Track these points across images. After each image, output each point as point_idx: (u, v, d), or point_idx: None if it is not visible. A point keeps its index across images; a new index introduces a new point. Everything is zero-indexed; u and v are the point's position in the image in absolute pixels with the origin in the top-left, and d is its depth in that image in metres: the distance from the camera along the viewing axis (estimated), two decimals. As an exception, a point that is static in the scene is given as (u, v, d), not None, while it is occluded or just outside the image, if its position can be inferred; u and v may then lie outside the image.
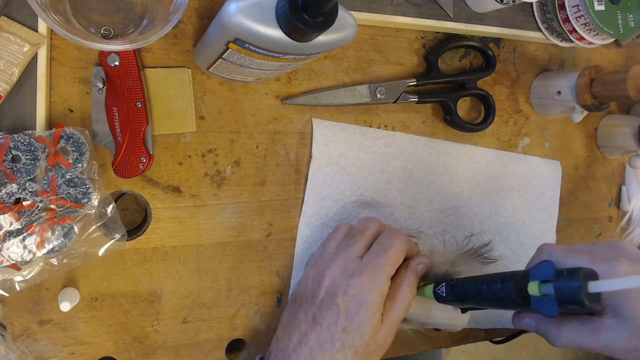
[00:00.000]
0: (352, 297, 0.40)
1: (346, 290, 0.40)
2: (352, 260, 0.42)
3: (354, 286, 0.40)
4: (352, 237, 0.44)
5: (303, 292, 0.43)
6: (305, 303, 0.42)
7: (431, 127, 0.55)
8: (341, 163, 0.50)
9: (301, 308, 0.42)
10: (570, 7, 0.54)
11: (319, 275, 0.43)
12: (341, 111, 0.51)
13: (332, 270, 0.42)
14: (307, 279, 0.44)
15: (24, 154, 0.37)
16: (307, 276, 0.44)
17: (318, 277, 0.42)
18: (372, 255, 0.42)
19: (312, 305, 0.41)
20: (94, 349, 0.43)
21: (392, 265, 0.42)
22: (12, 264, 0.37)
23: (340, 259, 0.42)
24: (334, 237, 0.46)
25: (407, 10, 0.51)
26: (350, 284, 0.40)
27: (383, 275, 0.41)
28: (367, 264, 0.41)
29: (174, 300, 0.45)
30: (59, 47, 0.41)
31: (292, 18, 0.30)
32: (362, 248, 0.43)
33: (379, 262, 0.41)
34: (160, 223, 0.44)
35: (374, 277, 0.40)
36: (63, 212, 0.39)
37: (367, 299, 0.39)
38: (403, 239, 0.43)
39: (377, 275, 0.40)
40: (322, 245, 0.47)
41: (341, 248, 0.44)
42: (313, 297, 0.42)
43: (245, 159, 0.47)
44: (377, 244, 0.43)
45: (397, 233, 0.44)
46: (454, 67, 0.56)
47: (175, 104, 0.44)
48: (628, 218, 0.67)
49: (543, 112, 0.60)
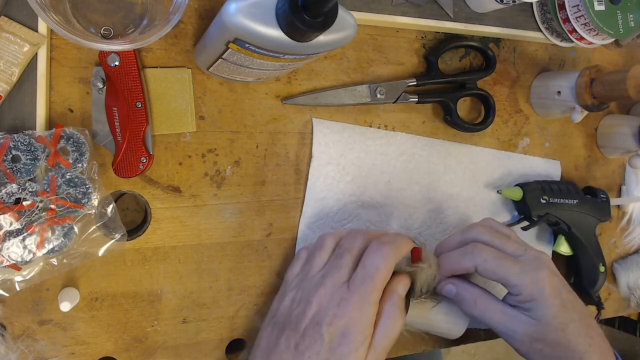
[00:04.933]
0: (338, 328, 0.38)
1: (332, 321, 0.38)
2: (340, 287, 0.40)
3: (340, 317, 0.38)
4: (340, 257, 0.42)
5: (287, 315, 0.41)
6: (288, 328, 0.40)
7: (431, 127, 0.55)
8: (341, 163, 0.50)
9: (283, 333, 0.40)
10: (570, 7, 0.54)
11: (304, 300, 0.41)
12: (341, 111, 0.51)
13: (319, 296, 0.40)
14: (292, 301, 0.42)
15: (24, 154, 0.37)
16: (292, 298, 0.42)
17: (304, 302, 0.41)
18: (357, 281, 0.40)
19: (296, 332, 0.39)
20: (94, 349, 0.43)
21: (379, 291, 0.40)
22: (12, 264, 0.37)
23: (328, 283, 0.40)
24: (320, 255, 0.44)
25: (407, 10, 0.51)
26: (337, 314, 0.39)
27: (370, 304, 0.39)
28: (354, 293, 0.39)
29: (174, 300, 0.45)
30: (59, 47, 0.41)
31: (292, 18, 0.30)
32: (350, 270, 0.41)
33: (366, 289, 0.39)
34: (160, 223, 0.44)
35: (361, 307, 0.39)
36: (63, 212, 0.39)
37: (352, 331, 0.38)
38: (388, 256, 0.41)
39: (364, 305, 0.39)
40: (307, 262, 0.45)
41: (328, 270, 0.42)
42: (297, 322, 0.40)
43: (245, 159, 0.47)
44: (362, 267, 0.41)
45: (382, 249, 0.41)
46: (454, 67, 0.56)
47: (175, 104, 0.44)
48: (628, 218, 0.67)
49: (543, 112, 0.60)
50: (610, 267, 0.67)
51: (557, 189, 0.58)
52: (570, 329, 0.42)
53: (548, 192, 0.57)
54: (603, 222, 0.61)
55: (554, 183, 0.59)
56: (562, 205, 0.58)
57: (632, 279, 0.66)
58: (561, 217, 0.58)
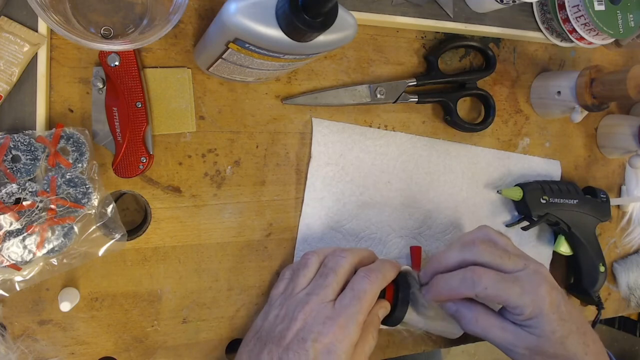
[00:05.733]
0: (324, 345, 0.38)
1: (317, 338, 0.39)
2: (325, 305, 0.40)
3: (326, 335, 0.39)
4: (325, 276, 0.42)
5: (270, 330, 0.41)
6: (271, 343, 0.40)
7: (431, 127, 0.55)
8: (340, 163, 0.50)
9: (266, 347, 0.40)
10: (570, 7, 0.54)
11: (289, 316, 0.41)
12: (341, 111, 0.51)
13: (304, 313, 0.40)
14: (275, 317, 0.42)
15: (24, 154, 0.37)
16: (275, 315, 0.42)
17: (288, 318, 0.41)
18: (345, 301, 0.40)
19: (279, 347, 0.39)
20: (94, 349, 0.43)
21: (365, 313, 0.41)
22: (12, 264, 0.37)
23: (313, 301, 0.41)
24: (304, 274, 0.44)
25: (407, 10, 0.51)
26: (322, 331, 0.39)
27: (355, 324, 0.39)
28: (340, 312, 0.40)
29: (174, 300, 0.45)
30: (59, 47, 0.41)
31: (292, 18, 0.30)
32: (335, 291, 0.42)
33: (353, 310, 0.40)
34: (160, 223, 0.44)
35: (347, 327, 0.39)
36: (63, 212, 0.39)
37: (337, 350, 0.38)
38: (376, 282, 0.42)
39: (349, 325, 0.39)
40: (291, 280, 0.45)
41: (313, 288, 0.42)
42: (280, 338, 0.40)
43: (245, 159, 0.47)
44: (350, 289, 0.41)
45: (371, 275, 0.42)
46: (454, 67, 0.56)
47: (175, 104, 0.44)
48: (628, 218, 0.67)
49: (543, 112, 0.60)
50: (610, 267, 0.67)
51: (557, 189, 0.58)
52: (569, 341, 0.43)
53: (548, 192, 0.57)
54: (603, 222, 0.61)
55: (554, 183, 0.59)
56: (562, 205, 0.58)
57: (632, 279, 0.67)
58: (561, 217, 0.58)
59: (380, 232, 0.53)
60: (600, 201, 0.60)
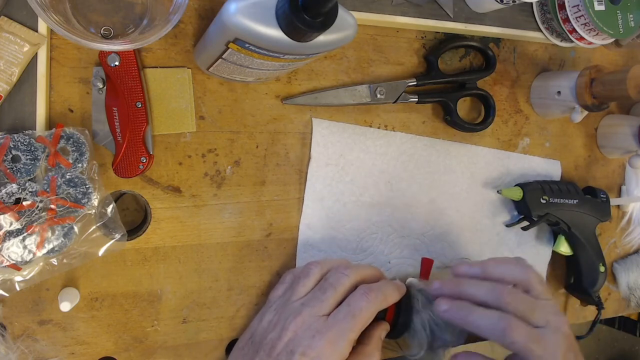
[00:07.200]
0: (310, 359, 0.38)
1: (305, 351, 0.38)
2: (318, 318, 0.40)
3: (314, 348, 0.38)
4: (324, 290, 0.42)
5: (262, 337, 0.42)
6: (262, 351, 0.40)
7: (431, 127, 0.55)
8: (340, 164, 0.50)
9: (257, 355, 0.40)
10: (570, 7, 0.54)
11: (281, 325, 0.41)
12: (341, 111, 0.51)
13: (295, 324, 0.40)
14: (269, 322, 0.42)
15: (24, 154, 0.37)
16: (269, 320, 0.43)
17: (280, 327, 0.41)
18: (339, 316, 0.40)
19: (269, 357, 0.40)
20: (94, 349, 0.43)
21: (357, 331, 0.40)
22: (12, 264, 0.37)
23: (307, 313, 0.40)
24: (304, 284, 0.43)
25: (407, 10, 0.51)
26: (311, 345, 0.38)
27: (346, 341, 0.39)
28: (332, 327, 0.39)
29: (174, 300, 0.45)
30: (59, 47, 0.41)
31: (292, 18, 0.30)
32: (332, 306, 0.41)
33: (345, 326, 0.39)
34: (160, 223, 0.44)
35: (336, 342, 0.39)
36: (63, 212, 0.39)
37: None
38: (375, 302, 0.41)
39: (339, 341, 0.39)
40: (291, 286, 0.45)
41: (309, 300, 0.42)
42: (271, 347, 0.40)
43: (245, 159, 0.47)
44: (347, 304, 0.41)
45: (370, 294, 0.42)
46: (454, 67, 0.56)
47: (175, 104, 0.44)
48: (628, 218, 0.67)
49: (543, 112, 0.60)
50: (610, 267, 0.67)
51: (557, 189, 0.58)
52: None
53: (548, 192, 0.57)
54: (603, 222, 0.61)
55: (554, 183, 0.59)
56: (562, 205, 0.58)
57: (632, 279, 0.67)
58: (561, 217, 0.58)
59: (381, 232, 0.53)
60: (600, 201, 0.60)
